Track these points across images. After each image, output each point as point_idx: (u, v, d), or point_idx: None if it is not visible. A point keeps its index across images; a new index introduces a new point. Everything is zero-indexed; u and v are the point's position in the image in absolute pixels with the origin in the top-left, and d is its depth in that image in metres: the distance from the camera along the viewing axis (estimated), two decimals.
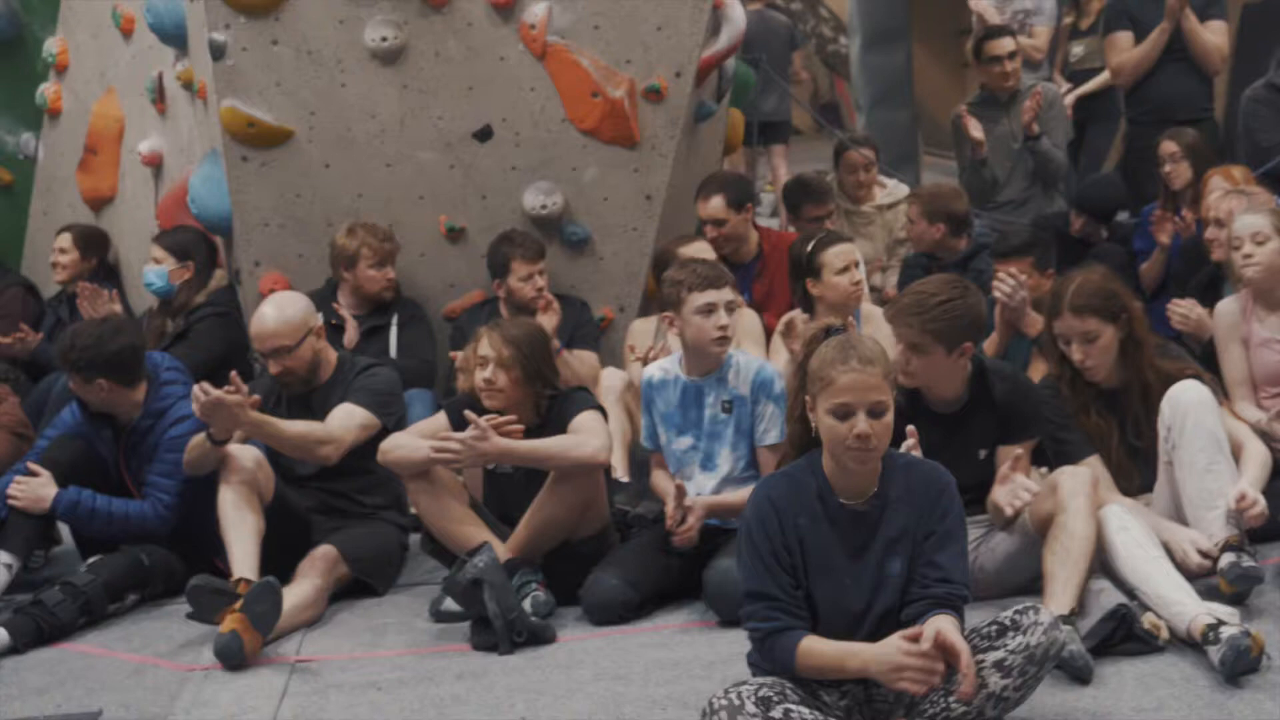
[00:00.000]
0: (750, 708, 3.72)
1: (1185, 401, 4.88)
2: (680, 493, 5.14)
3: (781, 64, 11.17)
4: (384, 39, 6.66)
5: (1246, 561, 4.65)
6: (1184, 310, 6.09)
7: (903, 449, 4.52)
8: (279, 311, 5.66)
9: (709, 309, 5.19)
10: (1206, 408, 4.89)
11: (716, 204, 6.92)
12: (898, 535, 3.92)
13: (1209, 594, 4.59)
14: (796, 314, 6.08)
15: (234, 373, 5.34)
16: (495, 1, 6.65)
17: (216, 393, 5.22)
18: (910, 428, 4.68)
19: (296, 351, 5.61)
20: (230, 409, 5.24)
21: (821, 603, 3.91)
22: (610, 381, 6.29)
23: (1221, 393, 5.33)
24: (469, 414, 5.08)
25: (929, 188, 7.89)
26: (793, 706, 3.76)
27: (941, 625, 3.71)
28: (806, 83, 14.90)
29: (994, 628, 3.86)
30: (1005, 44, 8.38)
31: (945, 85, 14.68)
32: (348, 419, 5.55)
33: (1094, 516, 4.74)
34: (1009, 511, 4.81)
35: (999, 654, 3.80)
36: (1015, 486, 4.78)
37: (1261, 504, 4.81)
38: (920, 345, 4.90)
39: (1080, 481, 4.73)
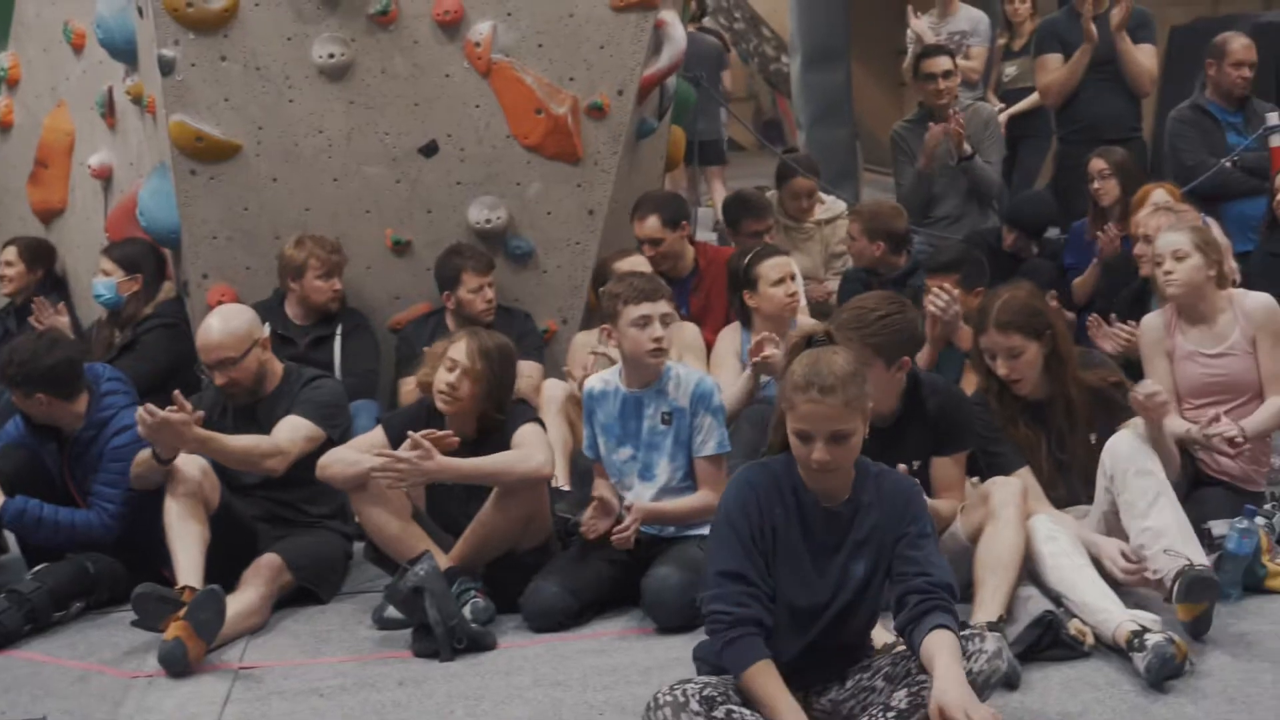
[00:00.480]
0: (695, 706, 3.79)
1: (1124, 453, 4.91)
2: (603, 504, 5.23)
3: (712, 85, 11.29)
4: (331, 55, 6.74)
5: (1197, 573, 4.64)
6: (1126, 334, 6.21)
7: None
8: (224, 323, 5.72)
9: (644, 321, 5.26)
10: (1144, 454, 4.91)
11: (652, 224, 7.03)
12: (865, 538, 3.99)
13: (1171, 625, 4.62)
14: (766, 336, 6.17)
15: (176, 392, 5.36)
16: (441, 19, 6.74)
17: (161, 414, 5.23)
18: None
19: (241, 363, 5.66)
20: (175, 428, 5.26)
21: (781, 595, 3.96)
22: (552, 392, 6.38)
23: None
24: (412, 434, 5.13)
25: (869, 206, 8.01)
26: (735, 707, 3.82)
27: (943, 701, 3.66)
28: (739, 101, 15.03)
29: None
30: (941, 62, 8.50)
31: (884, 103, 14.87)
32: (293, 432, 5.60)
33: (1023, 526, 4.86)
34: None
35: None
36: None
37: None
38: (859, 359, 4.99)
39: (1010, 492, 4.85)
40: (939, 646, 3.77)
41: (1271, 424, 5.72)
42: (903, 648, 3.99)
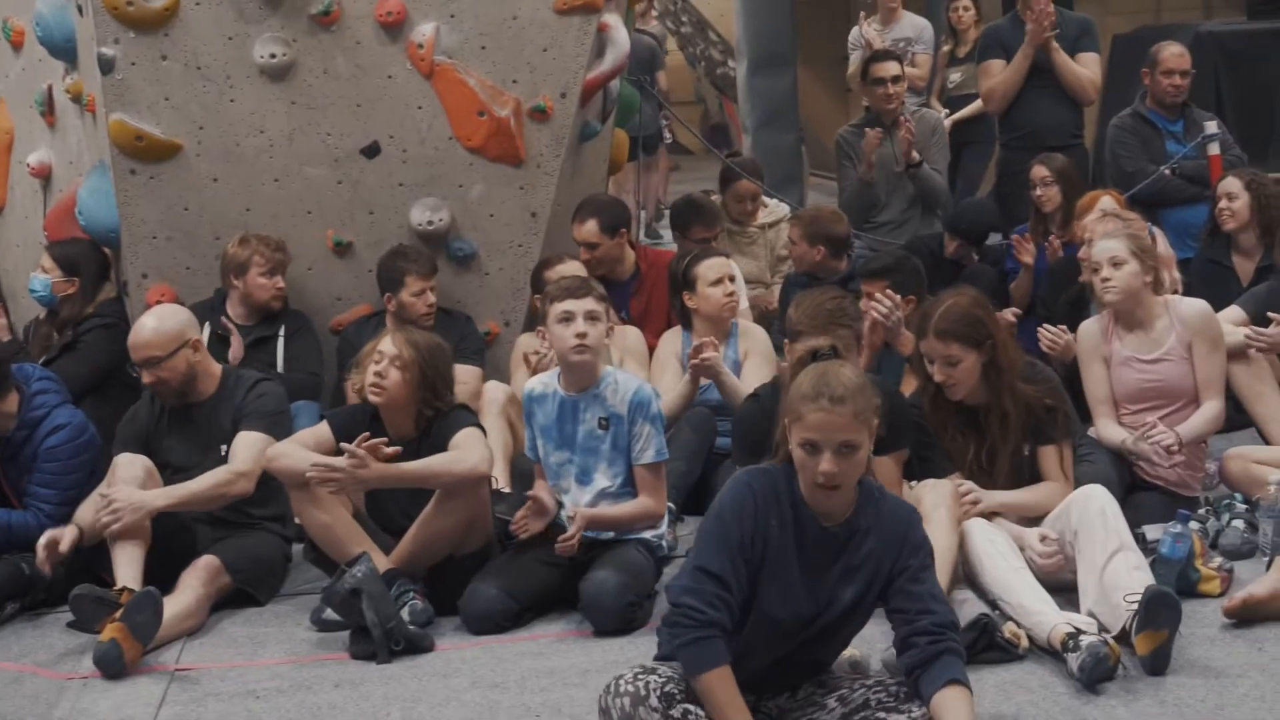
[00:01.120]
0: (654, 701, 3.76)
1: (1091, 510, 4.88)
2: (536, 503, 5.24)
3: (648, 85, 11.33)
4: (273, 55, 6.71)
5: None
6: (1053, 335, 6.27)
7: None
8: (157, 322, 5.69)
9: (567, 317, 5.22)
10: (1111, 511, 4.87)
11: (590, 228, 7.03)
12: (859, 564, 3.93)
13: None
14: (707, 341, 6.19)
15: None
16: (383, 20, 6.73)
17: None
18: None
19: (168, 362, 5.62)
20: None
21: (761, 606, 3.90)
22: (493, 395, 6.38)
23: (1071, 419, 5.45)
24: (344, 445, 5.11)
25: (810, 211, 8.04)
26: (691, 707, 3.79)
27: None
28: (686, 105, 15.08)
29: (903, 690, 3.93)
30: (890, 67, 8.55)
31: (829, 108, 14.95)
32: (249, 449, 5.57)
33: (955, 529, 4.90)
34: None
35: (901, 718, 3.87)
36: None
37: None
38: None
39: (942, 494, 4.88)
40: (952, 709, 3.79)
41: (1207, 429, 5.78)
42: (856, 656, 4.00)
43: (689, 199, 8.24)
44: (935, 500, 4.83)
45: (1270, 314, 5.97)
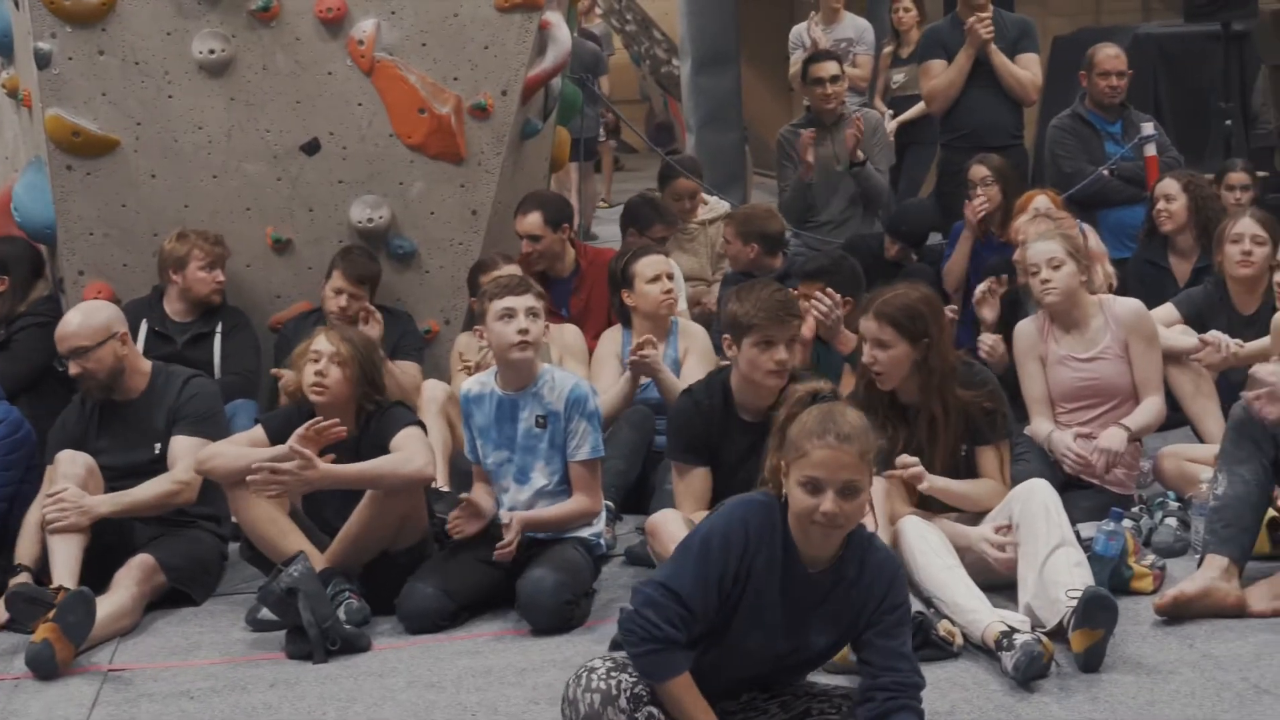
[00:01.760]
0: (623, 702, 3.73)
1: (1034, 504, 4.90)
2: (470, 505, 5.23)
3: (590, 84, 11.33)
4: (212, 51, 6.68)
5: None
6: (991, 344, 6.32)
7: None
8: (83, 316, 5.68)
9: (508, 314, 5.20)
10: (1054, 506, 4.88)
11: (534, 220, 7.02)
12: (836, 613, 3.86)
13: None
14: (647, 339, 6.19)
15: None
16: (324, 17, 6.70)
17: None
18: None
19: (95, 353, 5.59)
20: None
21: (732, 638, 3.83)
22: (432, 393, 6.37)
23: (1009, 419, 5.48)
24: (292, 445, 5.08)
25: (743, 209, 8.08)
26: (655, 710, 3.78)
27: None
28: (632, 104, 15.11)
29: (846, 704, 3.93)
30: (829, 67, 8.57)
31: (772, 108, 14.99)
32: (189, 454, 5.54)
33: (888, 526, 4.92)
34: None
35: None
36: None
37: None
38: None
39: (873, 491, 4.86)
40: None
41: (1152, 422, 5.83)
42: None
43: (648, 199, 8.22)
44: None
45: (1206, 338, 6.00)
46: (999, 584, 4.94)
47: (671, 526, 4.91)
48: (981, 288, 6.73)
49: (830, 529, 3.74)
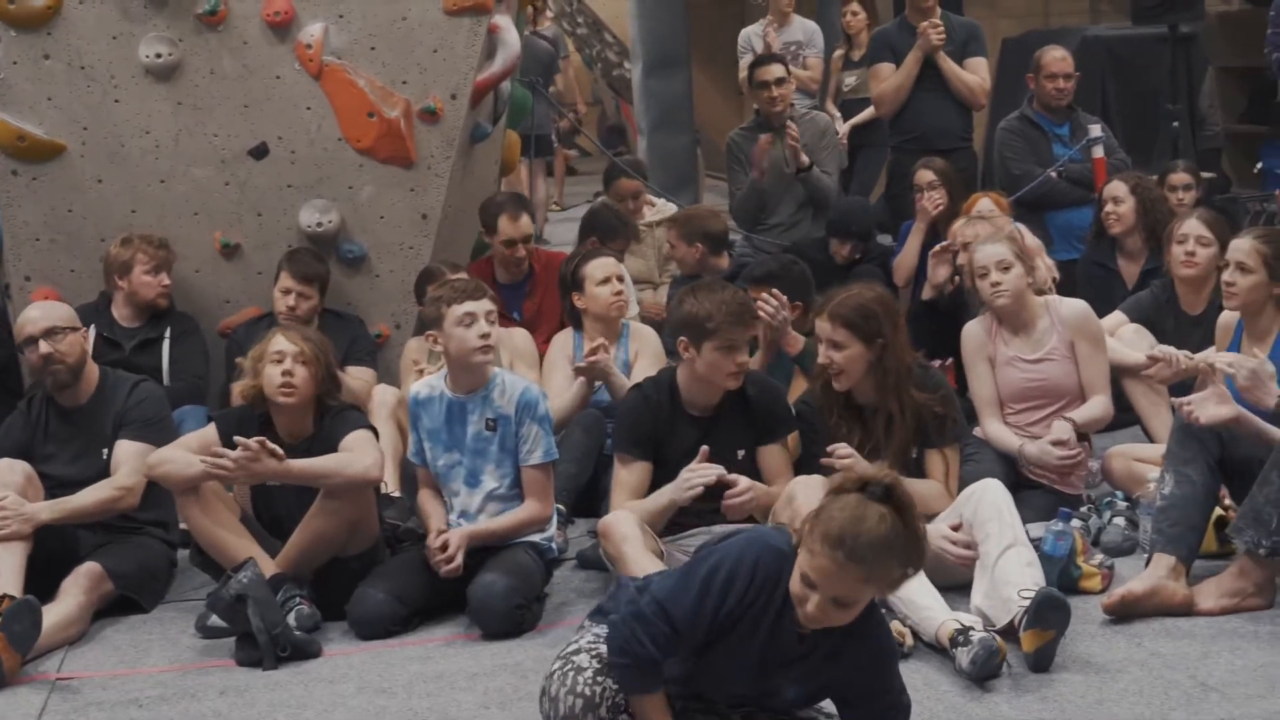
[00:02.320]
0: (604, 711, 3.75)
1: (987, 503, 4.91)
2: (445, 541, 5.18)
3: (544, 86, 11.33)
4: (158, 55, 6.65)
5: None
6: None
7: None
8: (47, 307, 5.70)
9: (469, 319, 5.21)
10: (1007, 506, 4.90)
11: (526, 222, 7.06)
12: (814, 672, 3.79)
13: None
14: (599, 344, 6.19)
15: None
16: (271, 21, 6.68)
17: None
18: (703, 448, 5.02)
19: (68, 337, 5.57)
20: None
21: (707, 666, 3.81)
22: (383, 397, 6.35)
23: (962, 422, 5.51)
24: (239, 439, 5.05)
25: (684, 210, 8.11)
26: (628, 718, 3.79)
27: None
28: (572, 103, 15.13)
29: None
30: (774, 70, 8.56)
31: (723, 110, 15.02)
32: (132, 461, 5.51)
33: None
34: None
35: None
36: None
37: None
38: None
39: (815, 490, 4.83)
40: None
41: (1099, 416, 5.87)
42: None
43: (615, 210, 8.19)
44: (809, 498, 4.79)
45: (1156, 354, 6.03)
46: (948, 585, 4.96)
47: (624, 528, 4.91)
48: (936, 248, 6.83)
49: (812, 624, 3.62)
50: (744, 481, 5.08)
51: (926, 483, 5.23)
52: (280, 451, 5.09)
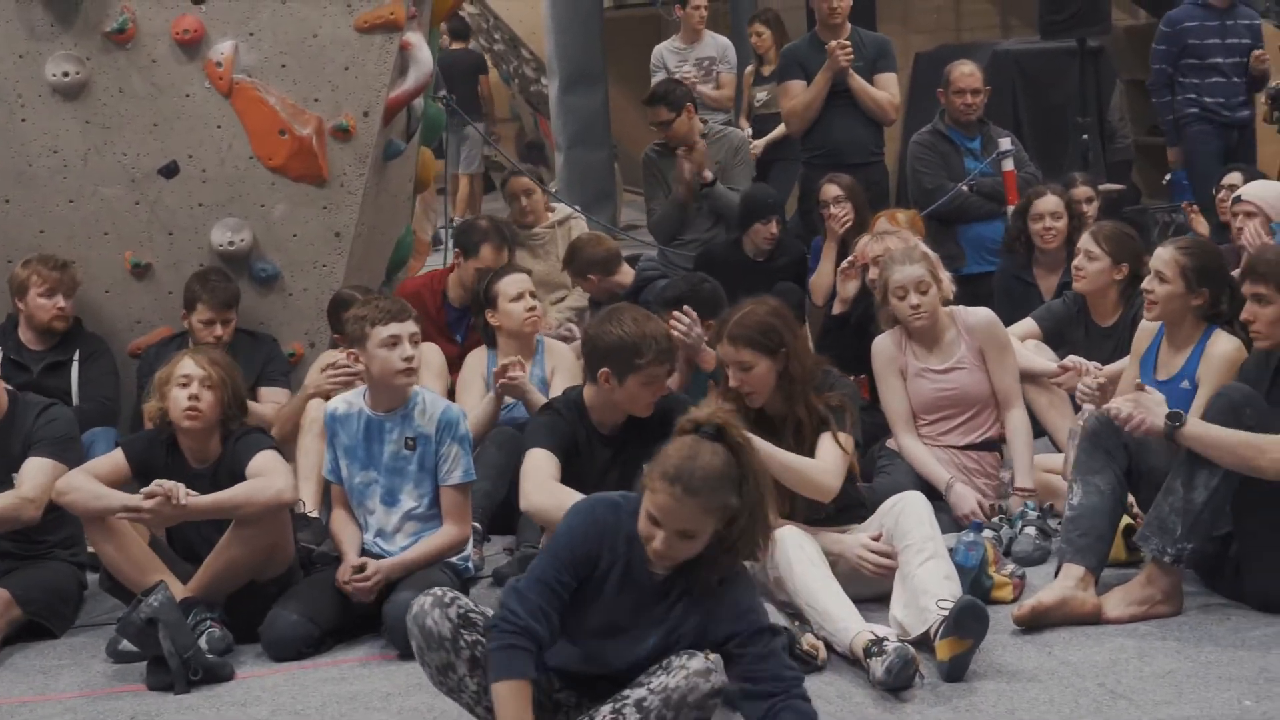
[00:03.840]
0: (453, 613, 3.95)
1: (908, 515, 4.95)
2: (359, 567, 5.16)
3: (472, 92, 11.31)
4: (65, 74, 6.59)
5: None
6: None
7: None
8: None
9: (393, 341, 5.21)
10: (927, 517, 4.94)
11: (506, 255, 7.05)
12: (669, 615, 3.94)
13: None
14: (513, 361, 6.16)
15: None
16: (180, 39, 6.63)
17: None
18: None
19: None
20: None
21: (591, 642, 3.97)
22: (314, 414, 6.27)
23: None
24: (154, 486, 5.00)
25: (568, 248, 8.07)
26: (482, 639, 3.91)
27: None
28: (502, 121, 15.12)
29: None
30: (659, 114, 8.44)
31: (641, 125, 14.99)
32: (39, 475, 5.43)
33: None
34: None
35: (641, 691, 3.88)
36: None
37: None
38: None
39: None
40: None
41: (1028, 444, 5.98)
42: None
43: (471, 221, 8.13)
44: None
45: (1066, 363, 6.10)
46: (867, 596, 4.99)
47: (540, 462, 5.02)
48: (844, 263, 6.87)
49: (662, 561, 3.86)
50: None
51: (807, 459, 5.15)
52: (188, 471, 5.05)
